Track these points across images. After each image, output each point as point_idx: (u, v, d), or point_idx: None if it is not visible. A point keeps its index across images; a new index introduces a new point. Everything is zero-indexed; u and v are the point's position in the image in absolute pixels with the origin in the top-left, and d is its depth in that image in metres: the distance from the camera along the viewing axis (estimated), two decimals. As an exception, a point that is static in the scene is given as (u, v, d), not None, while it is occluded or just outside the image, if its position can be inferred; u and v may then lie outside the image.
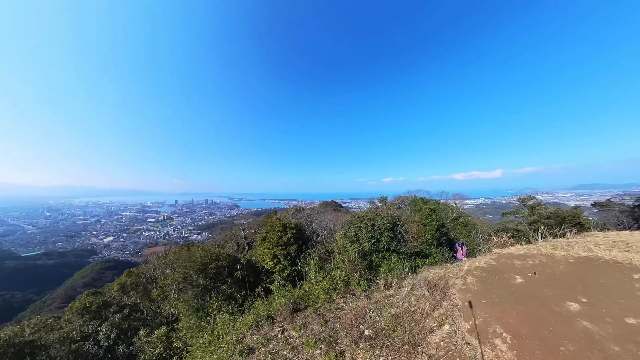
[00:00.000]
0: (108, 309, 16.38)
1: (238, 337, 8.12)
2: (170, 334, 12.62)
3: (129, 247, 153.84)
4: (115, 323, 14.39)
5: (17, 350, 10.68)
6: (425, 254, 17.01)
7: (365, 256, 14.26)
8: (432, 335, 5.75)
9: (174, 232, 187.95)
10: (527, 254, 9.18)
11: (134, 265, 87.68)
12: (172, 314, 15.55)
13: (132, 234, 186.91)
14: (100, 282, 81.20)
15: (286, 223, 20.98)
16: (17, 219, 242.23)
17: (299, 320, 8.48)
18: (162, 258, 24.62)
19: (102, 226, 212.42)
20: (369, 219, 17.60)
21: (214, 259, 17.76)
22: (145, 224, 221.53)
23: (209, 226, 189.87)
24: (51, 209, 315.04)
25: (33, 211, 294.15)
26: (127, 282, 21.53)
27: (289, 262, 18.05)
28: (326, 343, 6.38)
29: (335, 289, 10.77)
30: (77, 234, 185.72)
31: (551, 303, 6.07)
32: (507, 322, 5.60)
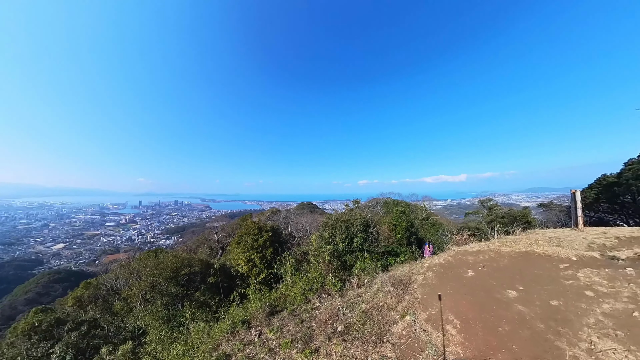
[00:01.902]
0: (62, 327, 14.57)
1: (214, 345, 8.12)
2: (137, 349, 11.80)
3: (84, 254, 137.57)
4: (71, 342, 12.86)
5: None
6: (396, 252, 18.23)
7: (340, 257, 14.93)
8: (396, 325, 6.44)
9: (138, 236, 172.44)
10: (479, 250, 10.45)
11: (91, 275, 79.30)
12: (139, 327, 14.46)
13: (88, 239, 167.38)
14: (48, 297, 72.21)
15: (262, 226, 20.89)
16: None
17: (275, 322, 8.72)
18: (125, 266, 22.77)
19: (50, 231, 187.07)
20: (343, 220, 18.42)
21: (185, 265, 17.11)
22: (103, 228, 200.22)
23: (179, 230, 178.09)
24: None
25: None
26: (85, 295, 19.60)
27: (264, 265, 18.05)
28: (302, 342, 6.75)
29: (311, 289, 11.18)
30: (17, 240, 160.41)
31: (494, 292, 7.15)
32: (458, 310, 6.50)
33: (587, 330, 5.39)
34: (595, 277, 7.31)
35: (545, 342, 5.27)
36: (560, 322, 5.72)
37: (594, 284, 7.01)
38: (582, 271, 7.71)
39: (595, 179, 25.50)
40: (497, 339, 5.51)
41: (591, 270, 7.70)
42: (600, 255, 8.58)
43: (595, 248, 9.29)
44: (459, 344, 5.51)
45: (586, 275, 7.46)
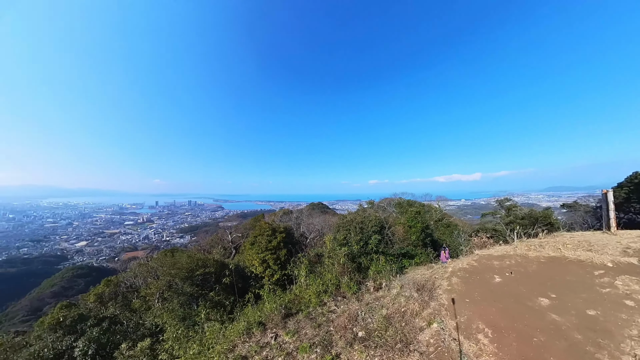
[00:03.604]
0: (84, 323, 15.16)
1: (229, 345, 8.05)
2: (155, 346, 12.03)
3: (105, 252, 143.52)
4: (92, 337, 13.36)
5: None
6: (411, 255, 17.72)
7: (355, 259, 14.61)
8: (422, 333, 6.13)
9: (155, 235, 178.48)
10: (504, 254, 9.92)
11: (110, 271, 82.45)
12: (157, 325, 14.76)
13: (108, 237, 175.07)
14: (72, 290, 75.71)
15: (275, 227, 20.87)
16: None
17: (291, 325, 8.57)
18: (143, 265, 23.39)
19: (73, 229, 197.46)
20: (357, 222, 18.10)
21: (200, 265, 17.31)
22: (122, 226, 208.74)
23: (192, 229, 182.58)
24: (15, 210, 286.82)
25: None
26: (105, 292, 20.29)
27: (278, 266, 18.01)
28: (321, 347, 6.55)
29: (326, 292, 10.97)
30: (44, 238, 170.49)
31: (525, 299, 6.71)
32: (488, 318, 6.12)
33: (629, 342, 4.96)
34: (635, 285, 6.75)
35: (585, 354, 4.88)
36: (600, 333, 5.29)
37: (634, 292, 6.46)
38: (620, 278, 7.14)
39: (626, 176, 23.87)
40: (533, 350, 5.13)
41: (630, 277, 7.12)
42: (639, 262, 7.93)
43: (631, 253, 8.61)
44: (492, 354, 5.17)
45: (625, 283, 6.89)
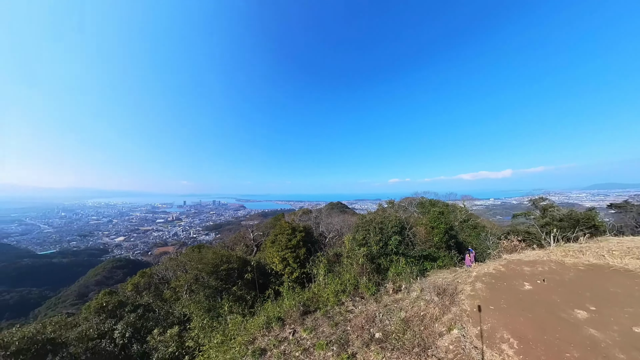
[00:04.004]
0: (123, 309, 16.80)
1: (249, 338, 8.43)
2: (183, 333, 12.97)
3: (139, 246, 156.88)
4: (130, 322, 14.77)
5: (39, 347, 11.07)
6: (433, 257, 17.02)
7: (374, 259, 14.43)
8: (442, 339, 5.93)
9: (183, 232, 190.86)
10: (536, 260, 9.21)
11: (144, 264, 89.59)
12: (184, 314, 15.89)
13: (142, 234, 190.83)
14: (112, 280, 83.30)
15: (295, 226, 21.29)
16: (34, 219, 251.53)
17: (309, 322, 8.73)
18: (173, 259, 25.17)
19: (113, 226, 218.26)
20: (377, 222, 17.76)
21: (224, 261, 18.19)
22: (154, 224, 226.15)
23: (217, 227, 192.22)
24: (66, 209, 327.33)
25: (49, 211, 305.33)
26: (141, 283, 22.13)
27: (298, 264, 18.34)
28: (338, 345, 6.61)
29: (344, 292, 10.99)
30: (90, 233, 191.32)
31: (559, 310, 6.17)
32: (515, 328, 5.74)
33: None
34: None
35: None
36: (650, 354, 4.70)
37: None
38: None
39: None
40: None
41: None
42: None
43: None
44: (517, 366, 4.87)
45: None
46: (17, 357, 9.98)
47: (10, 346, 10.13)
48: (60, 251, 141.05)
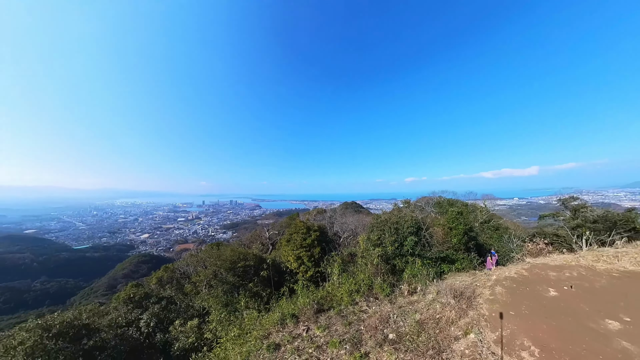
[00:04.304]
0: (148, 300, 18.06)
1: (264, 333, 8.69)
2: (202, 325, 13.72)
3: (162, 243, 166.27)
4: (154, 313, 15.89)
5: (76, 331, 12.29)
6: (451, 259, 16.48)
7: (389, 260, 14.27)
8: (457, 343, 5.78)
9: (202, 230, 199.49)
10: (564, 265, 8.66)
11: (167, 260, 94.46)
12: (203, 308, 16.76)
13: (165, 231, 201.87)
14: (138, 274, 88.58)
15: (309, 225, 21.50)
16: (70, 217, 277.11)
17: (323, 320, 8.83)
18: (194, 256, 26.37)
19: (139, 224, 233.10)
20: (392, 222, 17.48)
21: (241, 258, 18.78)
22: (176, 222, 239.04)
23: (234, 226, 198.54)
24: (97, 208, 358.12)
25: (83, 210, 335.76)
26: (164, 277, 23.38)
27: (312, 263, 18.53)
28: (351, 344, 6.65)
29: (358, 292, 10.98)
30: (118, 230, 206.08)
31: (587, 319, 5.77)
32: (536, 335, 5.45)
33: None
34: None
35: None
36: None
37: None
38: None
39: None
40: (592, 378, 4.45)
41: None
42: None
43: None
44: (538, 375, 4.64)
45: None
46: (58, 338, 11.12)
47: (52, 329, 11.32)
48: (92, 246, 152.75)
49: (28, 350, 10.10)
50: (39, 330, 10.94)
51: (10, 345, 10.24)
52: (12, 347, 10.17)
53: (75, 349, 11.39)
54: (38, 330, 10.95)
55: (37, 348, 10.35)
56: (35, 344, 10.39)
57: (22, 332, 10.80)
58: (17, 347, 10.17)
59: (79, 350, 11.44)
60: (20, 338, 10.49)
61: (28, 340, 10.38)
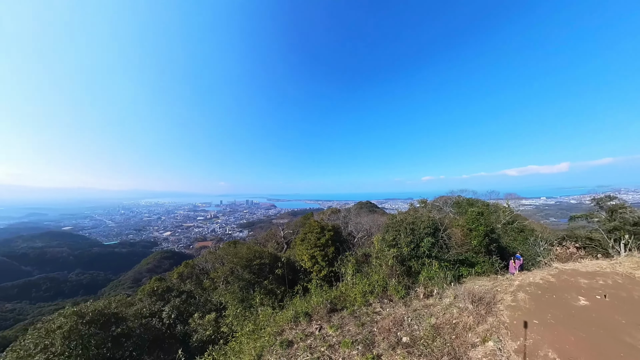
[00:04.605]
0: (170, 293, 19.17)
1: (278, 329, 8.84)
2: (219, 319, 14.32)
3: (183, 240, 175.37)
4: (175, 305, 16.86)
5: (106, 319, 13.37)
6: (470, 262, 15.79)
7: (404, 261, 13.94)
8: (475, 350, 5.53)
9: (220, 229, 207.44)
10: (596, 271, 8.01)
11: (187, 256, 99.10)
12: (220, 303, 17.46)
13: (185, 229, 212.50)
14: (160, 268, 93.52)
15: (324, 225, 21.56)
16: (100, 216, 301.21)
17: (335, 320, 8.83)
18: (212, 253, 27.48)
19: (161, 222, 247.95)
20: (408, 222, 17.01)
21: (257, 257, 19.24)
22: (195, 221, 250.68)
23: (250, 225, 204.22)
24: (124, 208, 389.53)
25: (112, 209, 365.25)
26: (184, 272, 24.54)
27: (326, 263, 18.57)
28: (363, 345, 6.59)
29: (372, 293, 10.86)
30: (143, 228, 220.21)
31: (622, 332, 5.28)
32: (563, 347, 5.07)
33: None
34: None
35: None
36: None
37: None
38: None
39: None
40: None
41: None
42: None
43: None
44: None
45: None
46: (90, 325, 12.19)
47: (86, 316, 12.41)
48: (120, 242, 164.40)
49: (65, 334, 11.14)
50: (75, 317, 12.02)
51: (51, 328, 11.36)
52: (52, 330, 11.28)
53: (105, 335, 12.40)
54: (74, 316, 12.03)
55: (72, 332, 11.38)
56: (71, 329, 11.44)
57: (61, 318, 11.92)
58: (56, 330, 11.26)
59: (108, 336, 12.45)
60: (59, 323, 11.60)
61: (65, 325, 11.46)
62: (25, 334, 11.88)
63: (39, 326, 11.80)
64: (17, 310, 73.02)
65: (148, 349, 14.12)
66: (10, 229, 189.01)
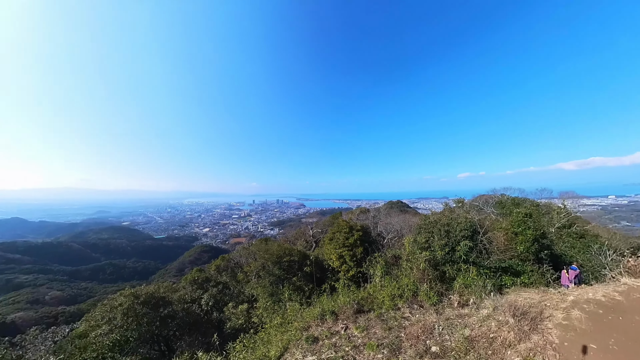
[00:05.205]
0: (208, 283, 21.07)
1: (304, 325, 9.04)
2: (250, 310, 15.31)
3: (219, 236, 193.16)
4: (212, 294, 18.56)
5: (156, 301, 15.42)
6: (515, 271, 14.15)
7: (437, 266, 13.11)
8: (515, 369, 4.99)
9: (252, 226, 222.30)
10: (681, 291, 6.61)
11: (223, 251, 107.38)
12: (252, 295, 18.59)
13: (222, 226, 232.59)
14: (200, 261, 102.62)
15: (352, 225, 21.39)
16: (151, 213, 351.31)
17: (362, 321, 8.71)
18: (246, 249, 29.38)
19: (201, 220, 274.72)
20: (442, 223, 15.85)
21: (287, 254, 19.95)
22: (231, 219, 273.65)
23: (280, 223, 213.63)
24: (170, 206, 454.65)
25: (160, 208, 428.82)
26: (221, 265, 26.53)
27: (354, 263, 18.40)
28: (389, 349, 6.40)
29: (401, 297, 10.48)
30: (186, 225, 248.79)
31: None
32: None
33: None
34: None
35: None
36: None
37: None
38: None
39: None
40: None
41: None
42: None
43: None
44: None
45: None
46: (143, 305, 14.44)
47: (140, 297, 14.61)
48: (167, 237, 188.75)
49: (124, 311, 13.46)
50: (132, 297, 14.29)
51: (113, 305, 13.80)
52: (114, 307, 13.70)
53: (155, 315, 14.50)
54: (131, 297, 14.32)
55: (130, 310, 13.68)
56: (129, 307, 13.73)
57: (121, 297, 14.27)
58: (117, 307, 13.64)
59: (157, 316, 14.53)
60: (120, 301, 13.93)
61: (124, 303, 13.78)
62: (94, 308, 14.72)
63: (105, 302, 14.39)
64: (89, 288, 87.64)
65: (188, 331, 16.30)
66: (84, 224, 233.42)
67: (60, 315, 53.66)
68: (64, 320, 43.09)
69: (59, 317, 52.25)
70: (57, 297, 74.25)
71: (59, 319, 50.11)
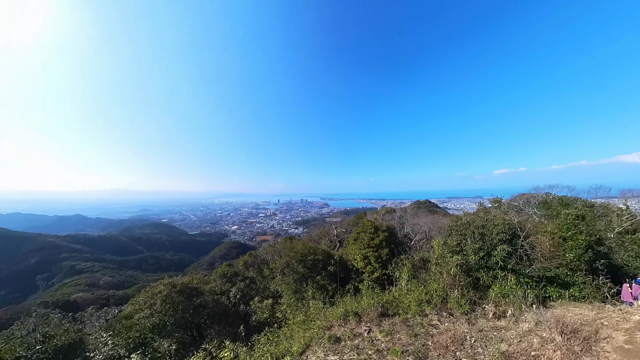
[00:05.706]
0: (236, 277, 22.19)
1: (327, 324, 8.98)
2: (274, 306, 15.79)
3: (247, 234, 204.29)
4: (240, 288, 19.51)
5: (190, 291, 16.74)
6: (564, 282, 12.51)
7: (470, 272, 12.12)
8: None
9: (277, 225, 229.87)
10: None
11: (250, 247, 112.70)
12: (277, 291, 19.13)
13: (249, 224, 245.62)
14: (229, 256, 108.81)
15: (378, 225, 20.86)
16: (186, 211, 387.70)
17: (386, 325, 8.42)
18: (272, 246, 30.37)
19: (230, 218, 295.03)
20: (476, 225, 14.54)
21: (311, 253, 20.15)
22: (257, 217, 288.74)
23: (304, 222, 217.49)
24: (203, 205, 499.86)
25: (194, 206, 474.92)
26: (248, 261, 27.72)
27: (379, 264, 17.90)
28: (414, 357, 6.08)
29: (429, 302, 9.93)
30: (216, 222, 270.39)
31: None
32: None
33: None
34: None
35: None
36: None
37: None
38: None
39: None
40: None
41: None
42: None
43: None
44: None
45: None
46: (179, 294, 15.86)
47: (177, 287, 16.10)
48: (200, 233, 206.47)
49: (163, 298, 15.01)
50: (169, 286, 15.83)
51: (154, 292, 15.45)
52: (155, 293, 15.33)
53: (188, 304, 15.85)
54: (169, 286, 15.88)
55: (168, 297, 15.18)
56: (167, 295, 15.24)
57: (161, 286, 15.91)
58: (157, 294, 15.22)
59: (190, 305, 15.85)
60: (159, 289, 15.55)
61: (163, 291, 15.35)
62: (138, 294, 16.73)
63: (147, 289, 16.19)
64: (134, 276, 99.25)
65: (217, 320, 17.54)
66: (130, 220, 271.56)
67: (111, 297, 61.82)
68: (114, 302, 48.71)
69: (110, 299, 60.04)
70: (109, 282, 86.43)
71: (110, 300, 57.28)
